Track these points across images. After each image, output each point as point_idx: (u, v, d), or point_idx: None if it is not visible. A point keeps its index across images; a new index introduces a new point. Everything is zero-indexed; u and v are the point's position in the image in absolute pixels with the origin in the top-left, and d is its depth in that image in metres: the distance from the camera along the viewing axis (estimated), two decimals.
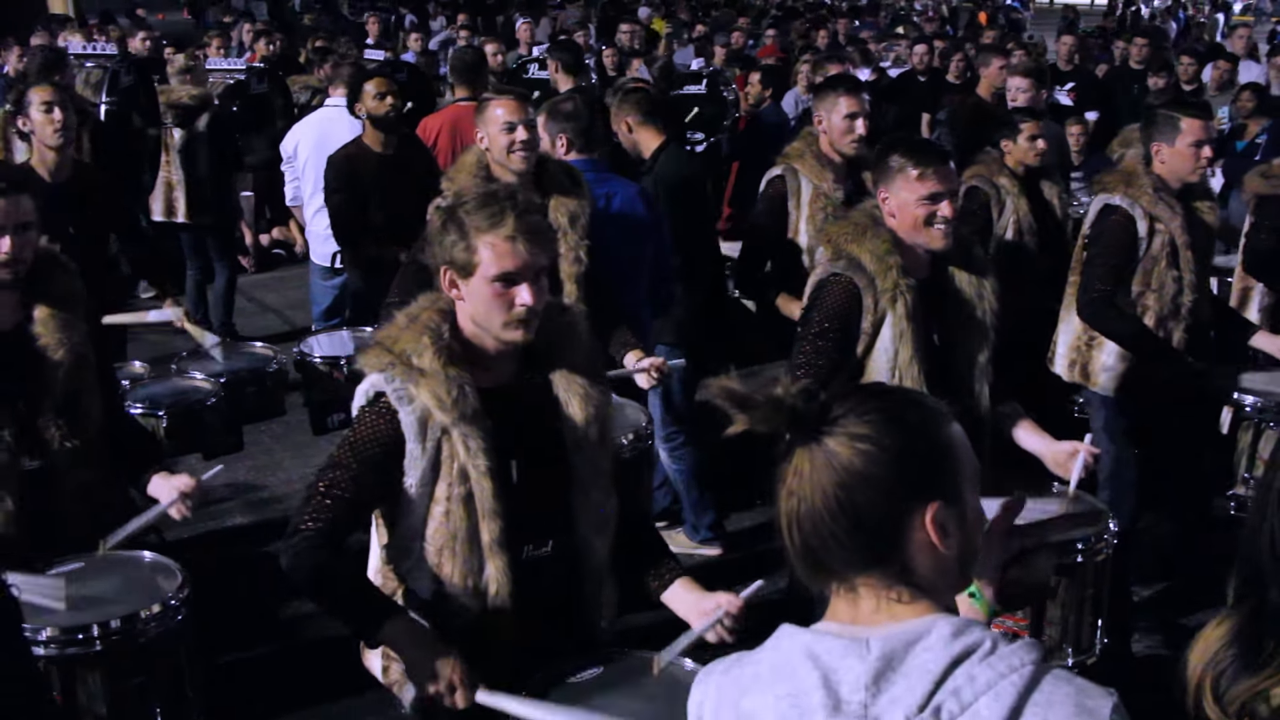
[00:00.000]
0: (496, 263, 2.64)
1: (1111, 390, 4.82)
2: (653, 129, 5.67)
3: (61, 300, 3.46)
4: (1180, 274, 4.62)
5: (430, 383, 2.66)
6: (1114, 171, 4.84)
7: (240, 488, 6.28)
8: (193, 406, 4.91)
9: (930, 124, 10.77)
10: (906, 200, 3.57)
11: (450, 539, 2.71)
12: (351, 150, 6.30)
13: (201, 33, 15.89)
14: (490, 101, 4.54)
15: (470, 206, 2.69)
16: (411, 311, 2.80)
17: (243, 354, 5.69)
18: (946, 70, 11.52)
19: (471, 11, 20.95)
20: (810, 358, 3.65)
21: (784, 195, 5.06)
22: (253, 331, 8.94)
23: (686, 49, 13.96)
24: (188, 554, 5.29)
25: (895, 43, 15.45)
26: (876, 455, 1.57)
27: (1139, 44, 12.16)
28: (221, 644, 4.56)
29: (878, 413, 1.60)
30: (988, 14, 30.86)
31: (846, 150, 4.98)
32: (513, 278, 2.65)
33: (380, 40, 14.29)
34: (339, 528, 2.72)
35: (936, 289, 3.70)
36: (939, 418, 1.65)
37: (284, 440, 6.49)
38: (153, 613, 3.13)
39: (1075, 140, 8.69)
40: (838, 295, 3.65)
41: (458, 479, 2.68)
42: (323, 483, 2.73)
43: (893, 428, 1.59)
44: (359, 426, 2.73)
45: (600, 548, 2.91)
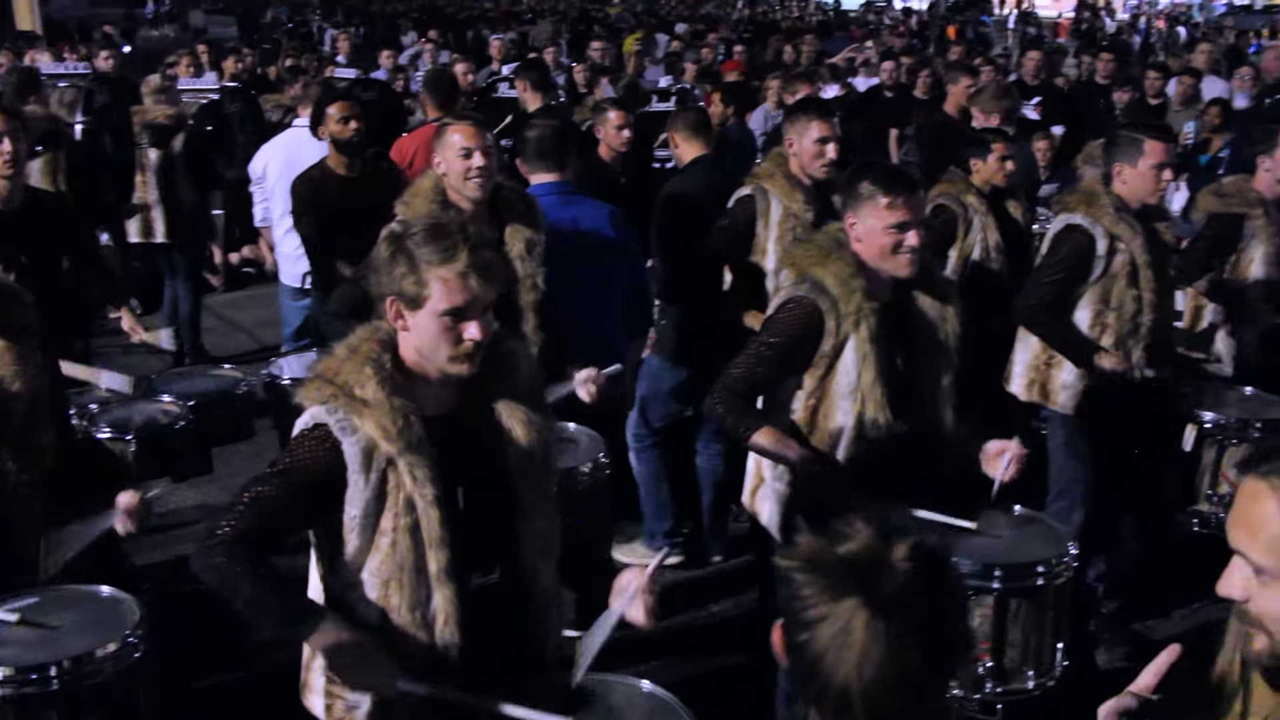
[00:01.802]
0: (447, 297, 2.64)
1: (1071, 408, 4.87)
2: (699, 143, 5.81)
3: (17, 332, 3.44)
4: (1140, 293, 4.68)
5: (374, 413, 2.65)
6: (1075, 192, 4.90)
7: (210, 510, 6.20)
8: (161, 430, 4.91)
9: (898, 139, 10.86)
10: (874, 227, 3.62)
11: (397, 570, 2.69)
12: (314, 174, 6.30)
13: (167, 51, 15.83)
14: (448, 127, 4.50)
15: (420, 238, 2.67)
16: (351, 342, 2.78)
17: (212, 376, 5.68)
18: (914, 86, 11.63)
19: (441, 28, 20.95)
20: (751, 364, 3.73)
21: (753, 215, 5.08)
22: (222, 351, 8.94)
23: (657, 66, 14.00)
24: (155, 578, 5.32)
25: (865, 45, 15.58)
26: (920, 661, 1.64)
27: (1105, 59, 12.28)
28: (187, 670, 4.55)
29: (939, 609, 1.68)
30: (956, 28, 31.09)
31: (816, 174, 5.02)
32: (462, 313, 2.65)
33: (351, 58, 14.27)
34: (255, 537, 2.67)
35: (899, 312, 3.75)
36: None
37: (253, 462, 6.42)
38: (109, 651, 3.09)
39: (1041, 155, 8.78)
40: (797, 316, 3.70)
41: (404, 509, 2.67)
42: (247, 494, 2.70)
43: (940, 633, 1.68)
44: (296, 450, 2.70)
45: (547, 572, 2.93)
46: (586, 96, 10.33)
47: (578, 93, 11.03)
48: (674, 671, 4.69)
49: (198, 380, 5.59)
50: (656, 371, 5.76)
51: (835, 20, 31.62)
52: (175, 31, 23.48)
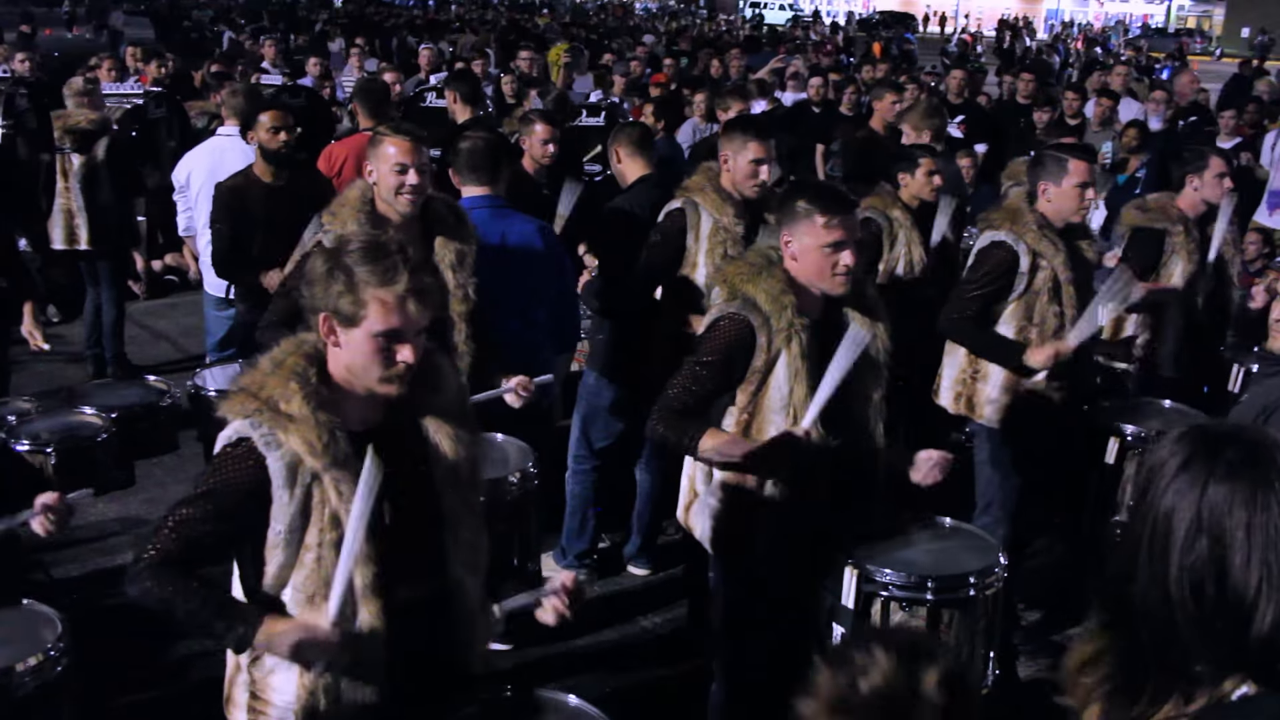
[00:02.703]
0: (384, 319, 2.63)
1: (996, 422, 4.95)
2: (641, 161, 5.80)
3: None
4: (1062, 309, 4.77)
5: (300, 429, 2.63)
6: (999, 209, 4.99)
7: (132, 523, 6.15)
8: (83, 442, 4.82)
9: (824, 155, 10.98)
10: (809, 246, 3.66)
11: (322, 585, 2.68)
12: (239, 181, 6.23)
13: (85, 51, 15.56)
14: (385, 138, 4.44)
15: (358, 256, 2.66)
16: (276, 356, 2.76)
17: (135, 387, 5.59)
18: (840, 102, 11.77)
19: (367, 35, 20.81)
20: (688, 384, 3.77)
21: (683, 228, 5.10)
22: (145, 359, 8.80)
23: (585, 78, 14.02)
24: (76, 591, 5.23)
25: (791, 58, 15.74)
26: None
27: (1025, 79, 12.52)
28: (110, 684, 4.47)
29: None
30: (881, 45, 31.51)
31: (748, 193, 5.03)
32: (398, 335, 2.65)
33: (276, 63, 14.13)
34: (180, 557, 2.66)
35: (831, 328, 3.79)
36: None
37: (177, 474, 6.36)
38: (29, 665, 3.05)
39: (965, 172, 8.92)
40: (728, 333, 3.74)
41: (329, 524, 2.66)
42: (173, 518, 2.68)
43: None
44: (220, 467, 2.68)
45: (473, 587, 2.92)
46: (515, 108, 10.31)
47: (505, 104, 11.01)
48: (601, 686, 4.70)
49: (121, 391, 5.49)
50: (594, 389, 5.77)
51: (764, 36, 31.85)
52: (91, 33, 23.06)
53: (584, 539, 5.83)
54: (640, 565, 5.89)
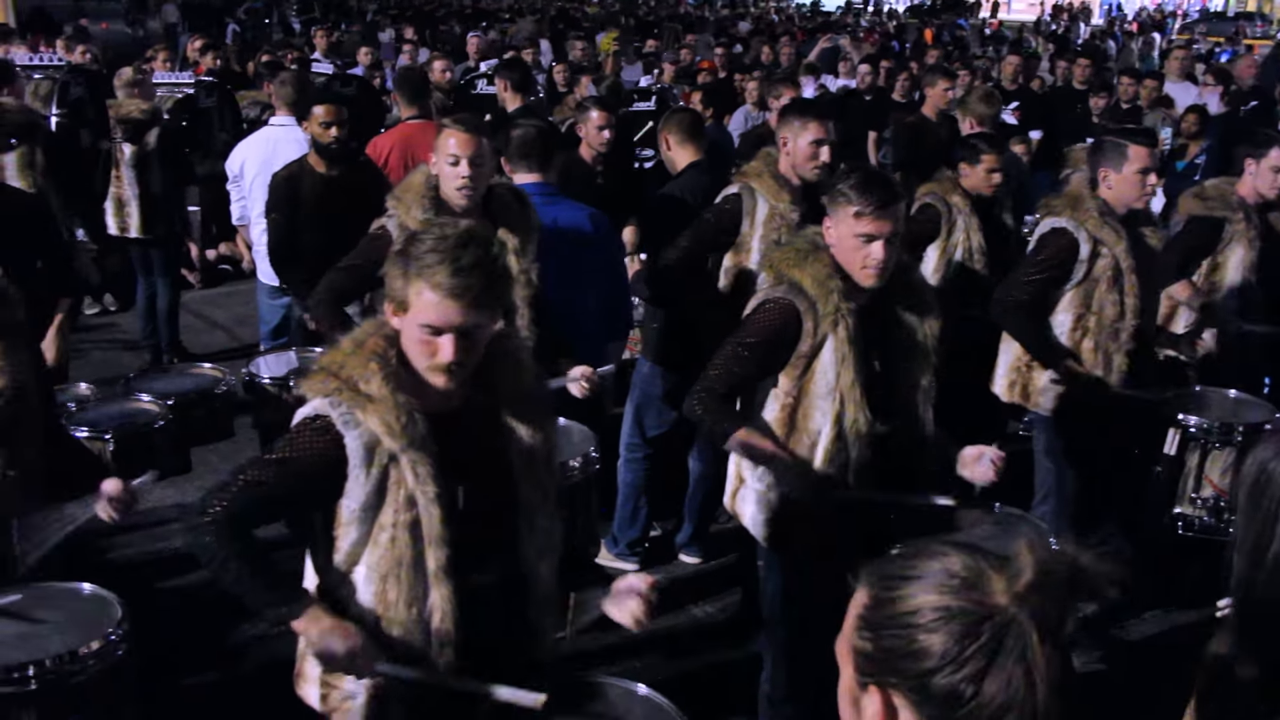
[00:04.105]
0: (424, 312, 2.64)
1: (1051, 411, 4.89)
2: (692, 148, 5.80)
3: (4, 328, 3.44)
4: (1122, 298, 4.71)
5: (378, 409, 2.64)
6: (1060, 195, 4.93)
7: (188, 509, 6.20)
8: (140, 429, 4.88)
9: (875, 142, 10.91)
10: (843, 234, 3.63)
11: (395, 565, 2.69)
12: (294, 170, 6.27)
13: (142, 45, 15.75)
14: (445, 130, 4.47)
15: (424, 246, 2.66)
16: (357, 336, 2.78)
17: (191, 375, 5.65)
18: (892, 89, 11.68)
19: (417, 25, 20.89)
20: (729, 364, 3.74)
21: (738, 213, 5.07)
22: (200, 348, 8.89)
23: (635, 65, 14.01)
24: (134, 575, 5.30)
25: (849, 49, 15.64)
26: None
27: (1081, 64, 12.37)
28: (164, 669, 4.52)
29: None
30: (933, 32, 31.22)
31: (808, 176, 4.99)
32: (439, 331, 2.65)
33: (328, 53, 14.22)
34: (243, 518, 2.67)
35: (878, 314, 3.76)
36: None
37: (232, 461, 6.41)
38: (91, 649, 3.09)
39: (1020, 159, 8.83)
40: (773, 316, 3.71)
41: (404, 505, 2.67)
42: (242, 476, 2.69)
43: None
44: (296, 438, 2.69)
45: (545, 573, 2.92)
46: (566, 96, 10.32)
47: (556, 92, 11.03)
48: (652, 673, 4.69)
49: (177, 379, 5.55)
50: (648, 378, 5.76)
51: (816, 23, 31.67)
52: (131, 26, 23.26)
53: (636, 527, 5.83)
54: (692, 554, 5.88)
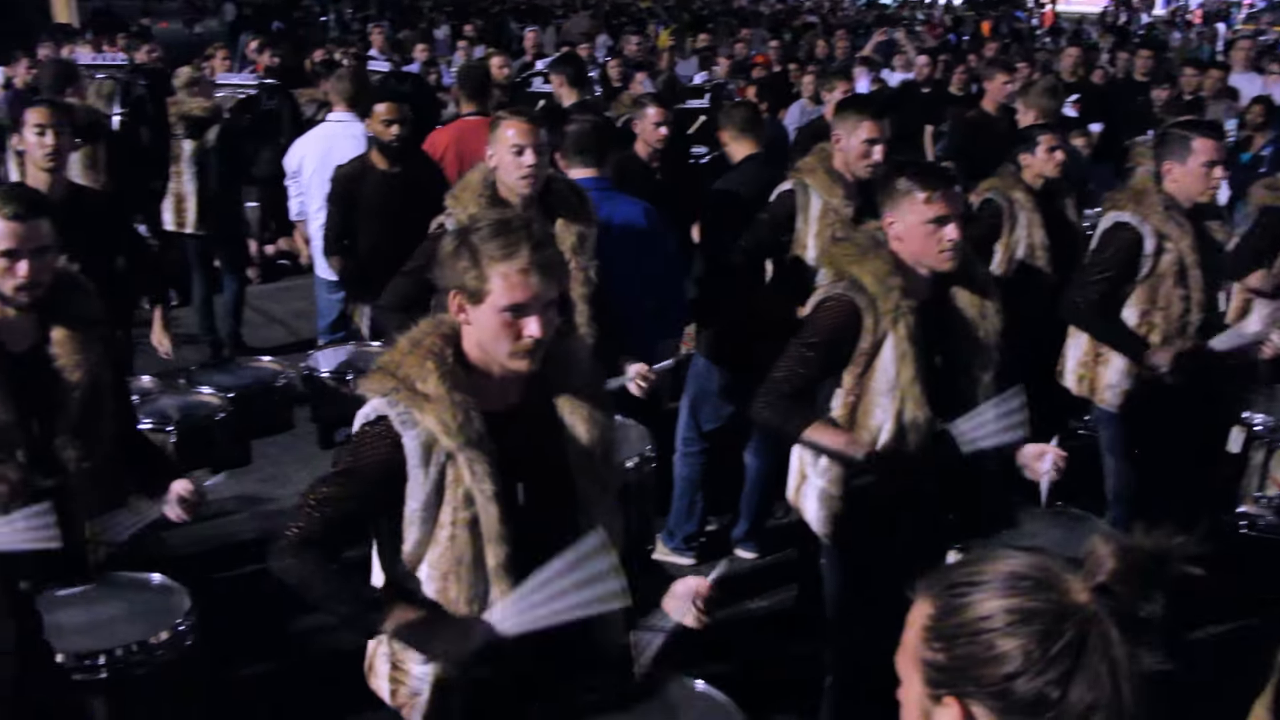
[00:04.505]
0: (508, 293, 2.64)
1: (1117, 406, 4.83)
2: (748, 141, 5.82)
3: (79, 322, 3.50)
4: (1188, 293, 4.63)
5: (435, 408, 2.65)
6: (1124, 189, 4.86)
7: (248, 501, 6.30)
8: (202, 421, 4.95)
9: (933, 136, 10.82)
10: (913, 223, 3.61)
11: (455, 564, 2.70)
12: (355, 167, 6.33)
13: (198, 44, 15.94)
14: (503, 121, 4.50)
15: (484, 234, 2.67)
16: (414, 336, 2.78)
17: (251, 369, 5.72)
18: (949, 82, 11.57)
19: (473, 21, 20.97)
20: (794, 366, 3.73)
21: (792, 210, 5.06)
22: (259, 342, 8.99)
23: (689, 60, 13.98)
24: (196, 567, 5.37)
25: (905, 42, 15.53)
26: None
27: (1143, 56, 12.20)
28: (229, 660, 4.58)
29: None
30: (990, 24, 30.91)
31: (861, 174, 4.97)
32: (522, 309, 2.65)
33: (385, 50, 14.31)
34: (325, 538, 2.70)
35: (938, 310, 3.73)
36: None
37: (292, 453, 6.51)
38: (161, 639, 3.15)
39: (1081, 152, 8.72)
40: (835, 315, 3.71)
41: (463, 503, 2.68)
42: (314, 496, 2.72)
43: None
44: (360, 446, 2.72)
45: None
46: (621, 91, 10.32)
47: (611, 87, 11.03)
48: (708, 668, 4.67)
49: (237, 373, 5.62)
50: (703, 373, 5.76)
51: (873, 17, 31.47)
52: (184, 25, 23.48)
53: (692, 522, 5.83)
54: (748, 549, 5.87)
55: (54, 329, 3.46)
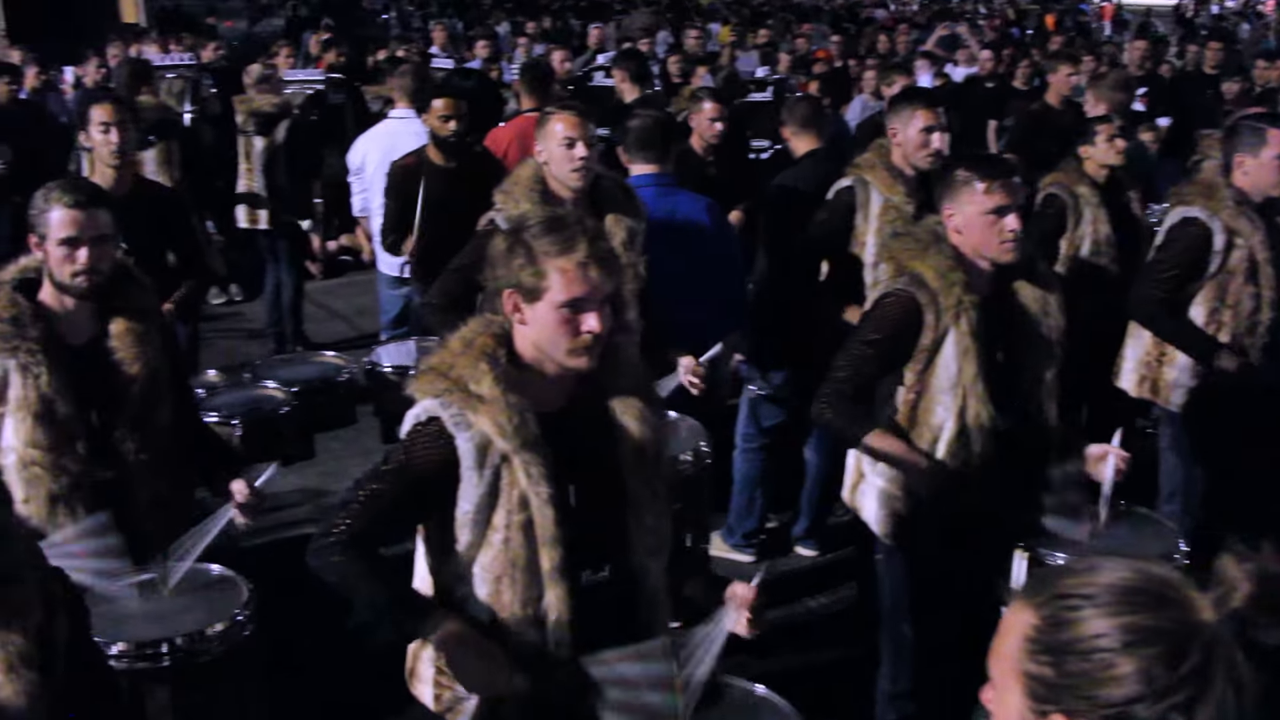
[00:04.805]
0: (566, 289, 2.61)
1: (1181, 407, 4.75)
2: (809, 136, 5.82)
3: (137, 314, 3.56)
4: (1259, 290, 4.54)
5: (490, 410, 2.62)
6: (1193, 183, 4.78)
7: (310, 493, 6.37)
8: (266, 415, 5.00)
9: (996, 131, 10.70)
10: (972, 214, 3.57)
11: (509, 566, 2.67)
12: (412, 162, 6.38)
13: (259, 42, 16.12)
14: (551, 116, 4.50)
15: (538, 230, 2.65)
16: (465, 336, 2.75)
17: (314, 363, 5.78)
18: (1013, 76, 11.44)
19: (535, 17, 21.05)
20: (854, 364, 3.69)
21: (852, 206, 5.01)
22: (322, 337, 9.08)
23: (750, 55, 13.93)
24: (256, 559, 5.43)
25: (968, 37, 15.39)
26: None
27: (1212, 48, 11.98)
28: (285, 652, 4.62)
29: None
30: (1054, 17, 30.52)
31: (921, 165, 4.91)
32: (581, 304, 2.62)
33: (446, 47, 14.40)
34: (369, 534, 2.68)
35: (1001, 305, 3.69)
36: None
37: (353, 447, 6.56)
38: (218, 630, 3.19)
39: (1149, 147, 8.58)
40: (895, 310, 3.66)
41: (518, 506, 2.65)
42: (362, 492, 2.70)
43: None
44: (410, 445, 2.69)
45: (656, 570, 2.88)
46: (682, 86, 10.30)
47: (671, 83, 11.02)
48: (767, 666, 4.65)
49: (301, 367, 5.68)
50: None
51: (933, 10, 31.17)
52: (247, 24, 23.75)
53: (752, 519, 5.81)
54: (808, 546, 5.84)
55: (113, 322, 3.52)
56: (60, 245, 3.39)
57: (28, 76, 11.20)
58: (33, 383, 3.37)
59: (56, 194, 3.42)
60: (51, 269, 3.43)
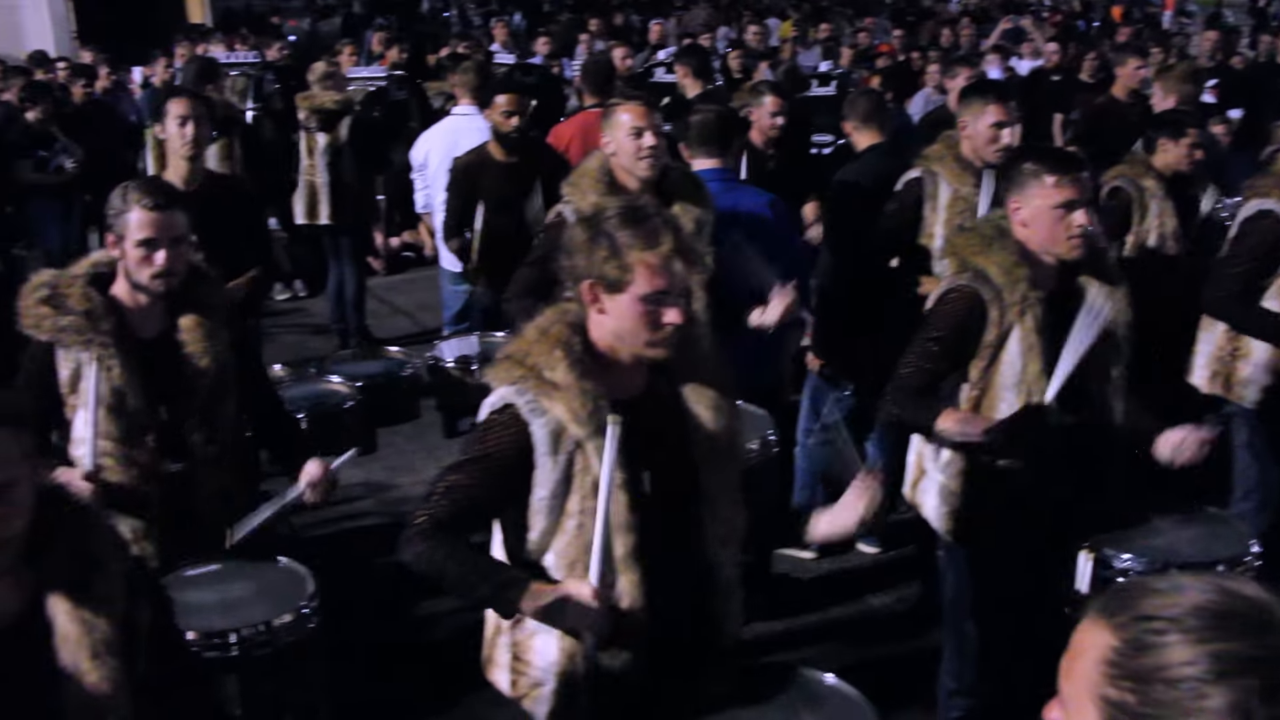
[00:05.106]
0: (650, 282, 2.62)
1: (1256, 404, 4.66)
2: (872, 131, 5.79)
3: (206, 309, 3.61)
4: None
5: (564, 396, 2.64)
6: (1267, 175, 4.70)
7: (374, 487, 6.43)
8: (331, 409, 5.05)
9: (1062, 124, 10.57)
10: (1040, 209, 3.52)
11: (582, 552, 2.68)
12: (472, 158, 6.41)
13: (319, 40, 16.28)
14: (617, 107, 4.50)
15: (619, 222, 2.66)
16: (541, 324, 2.77)
17: (378, 358, 5.83)
18: (1080, 69, 11.29)
19: (596, 13, 21.05)
20: (920, 362, 3.66)
21: (919, 198, 4.97)
22: (384, 333, 9.17)
23: (812, 50, 13.86)
24: (321, 552, 5.51)
25: (1031, 30, 15.22)
26: None
27: None
28: (349, 644, 4.68)
29: None
30: (1121, 9, 30.03)
31: (990, 159, 4.84)
32: (663, 298, 2.64)
33: (507, 44, 14.46)
34: (450, 522, 2.70)
35: (1066, 301, 3.63)
36: None
37: (416, 442, 6.63)
38: (285, 621, 3.23)
39: (1220, 140, 8.43)
40: (959, 306, 3.62)
41: (591, 492, 2.66)
42: (443, 483, 2.74)
43: None
44: (487, 434, 2.72)
45: (729, 560, 2.89)
46: (743, 81, 10.27)
47: (732, 78, 10.99)
48: (830, 662, 4.61)
49: (364, 362, 5.72)
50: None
51: (1001, 4, 30.80)
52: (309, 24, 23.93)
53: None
54: (870, 543, 5.80)
55: (182, 316, 3.58)
56: (138, 247, 3.44)
57: (99, 77, 11.42)
58: (105, 375, 3.43)
59: (135, 195, 3.47)
60: (129, 268, 3.49)
